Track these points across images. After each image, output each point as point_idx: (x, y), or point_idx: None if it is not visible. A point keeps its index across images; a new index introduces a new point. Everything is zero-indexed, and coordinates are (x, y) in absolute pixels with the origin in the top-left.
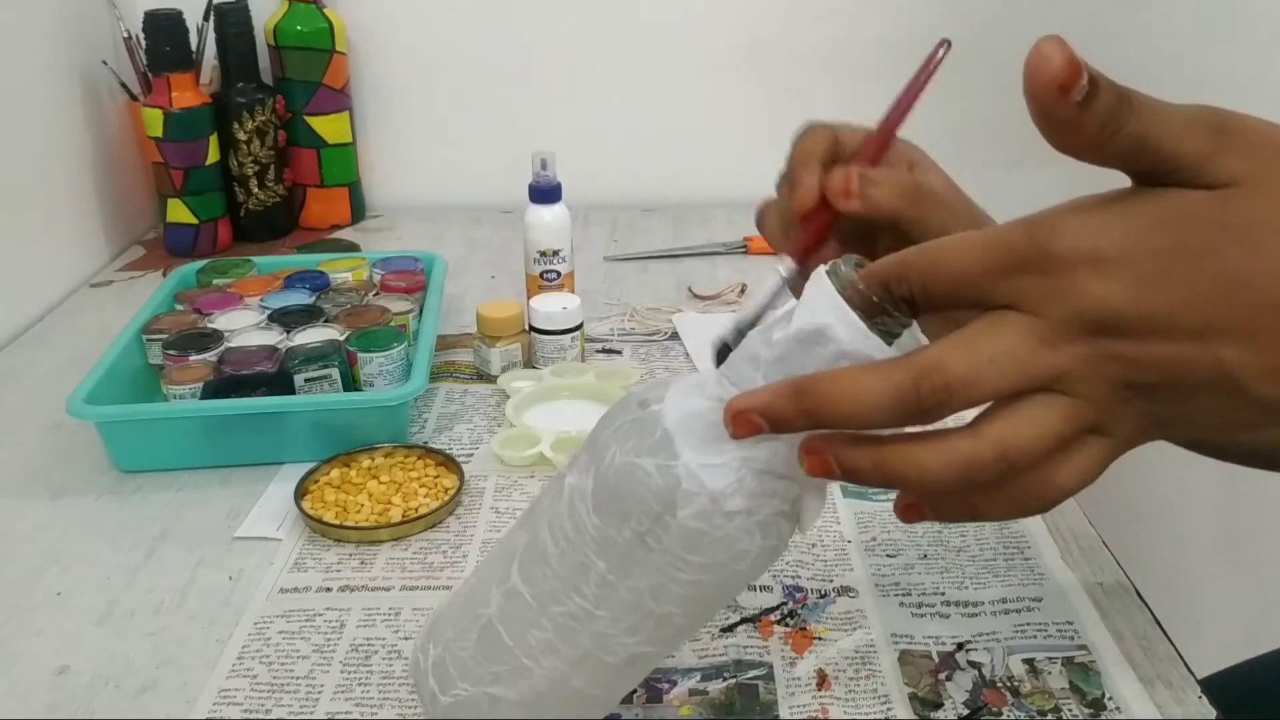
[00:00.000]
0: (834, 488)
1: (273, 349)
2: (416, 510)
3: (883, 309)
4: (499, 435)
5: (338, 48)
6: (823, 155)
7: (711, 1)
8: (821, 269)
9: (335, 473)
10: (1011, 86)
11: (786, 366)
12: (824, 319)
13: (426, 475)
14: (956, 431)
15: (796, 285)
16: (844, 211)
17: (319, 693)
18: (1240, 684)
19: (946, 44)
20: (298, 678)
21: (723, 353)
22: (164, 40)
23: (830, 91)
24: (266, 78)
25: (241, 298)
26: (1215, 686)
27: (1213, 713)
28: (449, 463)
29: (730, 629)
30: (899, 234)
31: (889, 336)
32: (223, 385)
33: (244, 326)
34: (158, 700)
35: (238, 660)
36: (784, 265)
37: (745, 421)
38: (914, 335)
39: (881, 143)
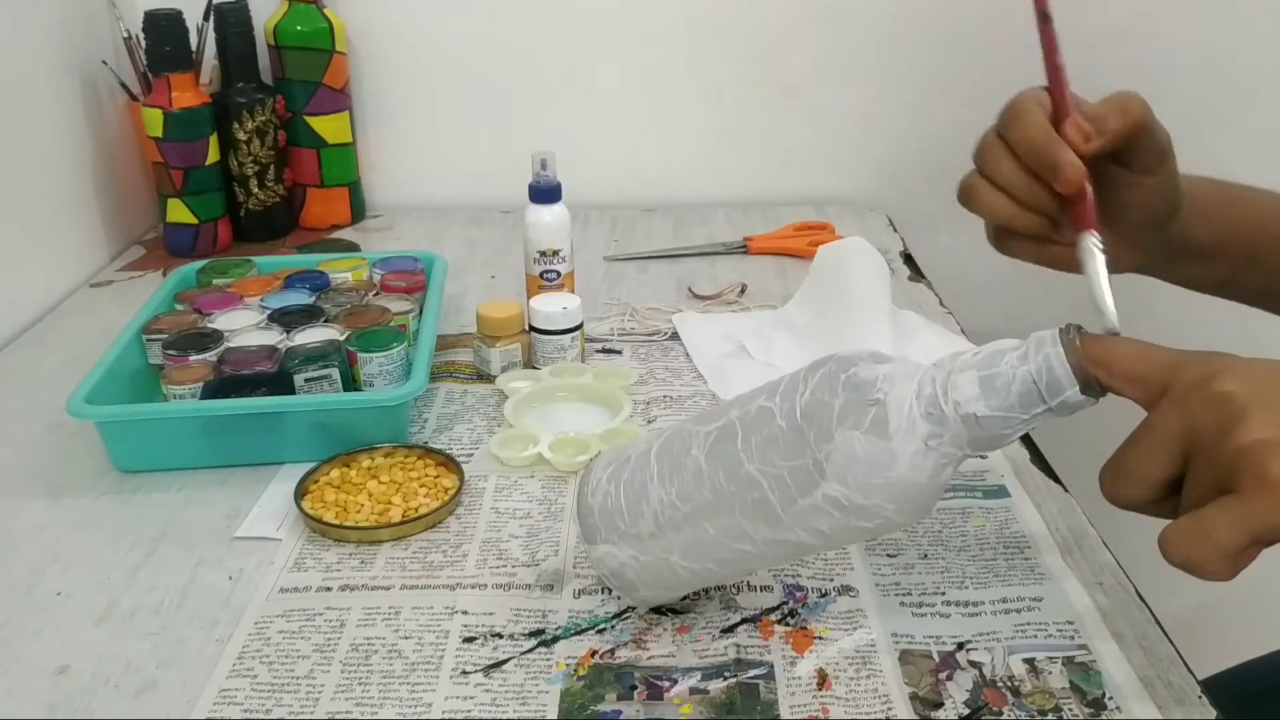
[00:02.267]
0: None
1: (273, 349)
2: (416, 510)
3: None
4: (497, 436)
5: (338, 48)
6: (1053, 129)
7: (712, 2)
8: (1056, 333)
9: (335, 473)
10: (1015, 84)
11: (1007, 399)
12: (1068, 392)
13: (426, 475)
14: None
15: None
16: (1091, 153)
17: (319, 693)
18: (1241, 685)
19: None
20: (298, 678)
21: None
22: (164, 40)
23: (830, 92)
24: (266, 78)
25: (241, 298)
26: (1216, 688)
27: (1213, 713)
28: (449, 463)
29: (731, 629)
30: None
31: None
32: (223, 385)
33: (244, 326)
34: (158, 700)
35: (238, 660)
36: (1094, 240)
37: None
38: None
39: (1063, 89)
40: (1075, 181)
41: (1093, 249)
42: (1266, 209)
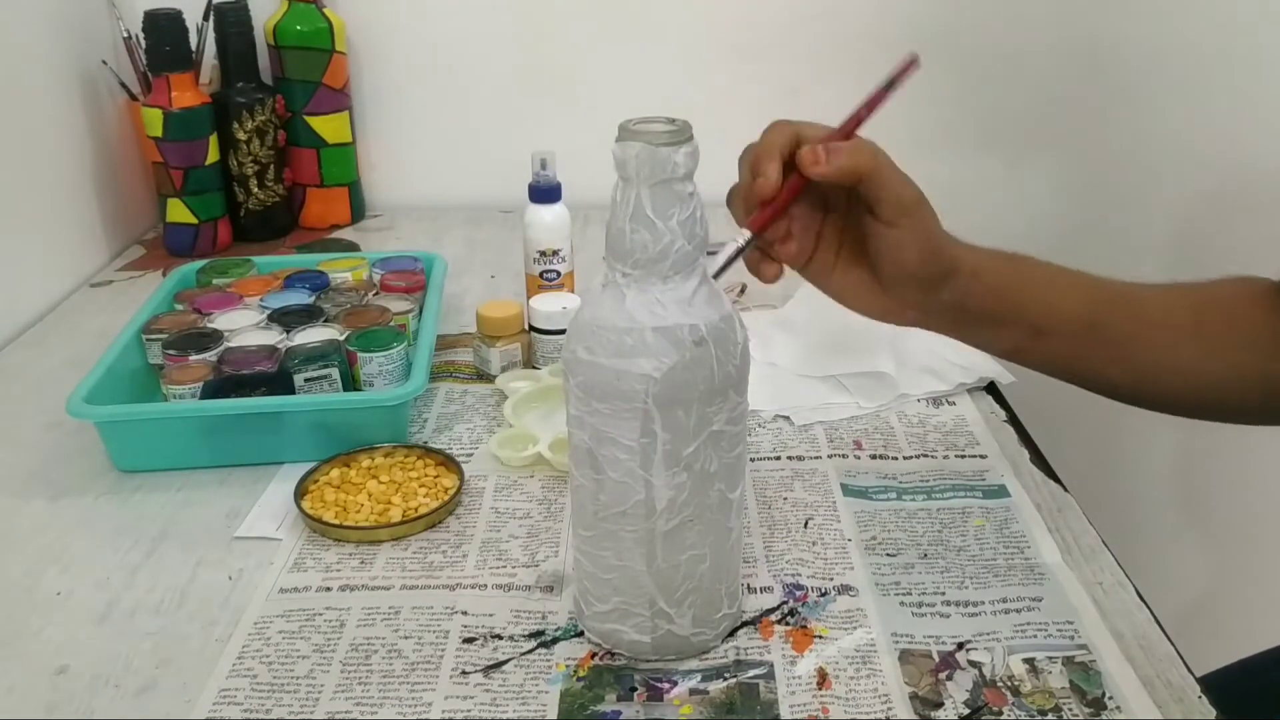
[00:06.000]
0: (834, 486)
1: (272, 349)
2: (416, 510)
3: None
4: (497, 435)
5: (338, 47)
6: (784, 147)
7: (713, 3)
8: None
9: (335, 472)
10: (1008, 79)
11: None
12: None
13: (426, 475)
14: None
15: (751, 255)
16: (813, 177)
17: (319, 692)
18: (1239, 682)
19: (916, 60)
20: (298, 678)
21: None
22: (164, 40)
23: (831, 91)
24: (266, 77)
25: (241, 297)
26: (1214, 685)
27: (1212, 712)
28: (449, 462)
29: (731, 630)
30: (861, 201)
31: None
32: (222, 385)
33: (244, 326)
34: (158, 700)
35: (238, 660)
36: (742, 236)
37: None
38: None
39: (845, 134)
40: (762, 190)
41: (735, 237)
42: (1056, 288)
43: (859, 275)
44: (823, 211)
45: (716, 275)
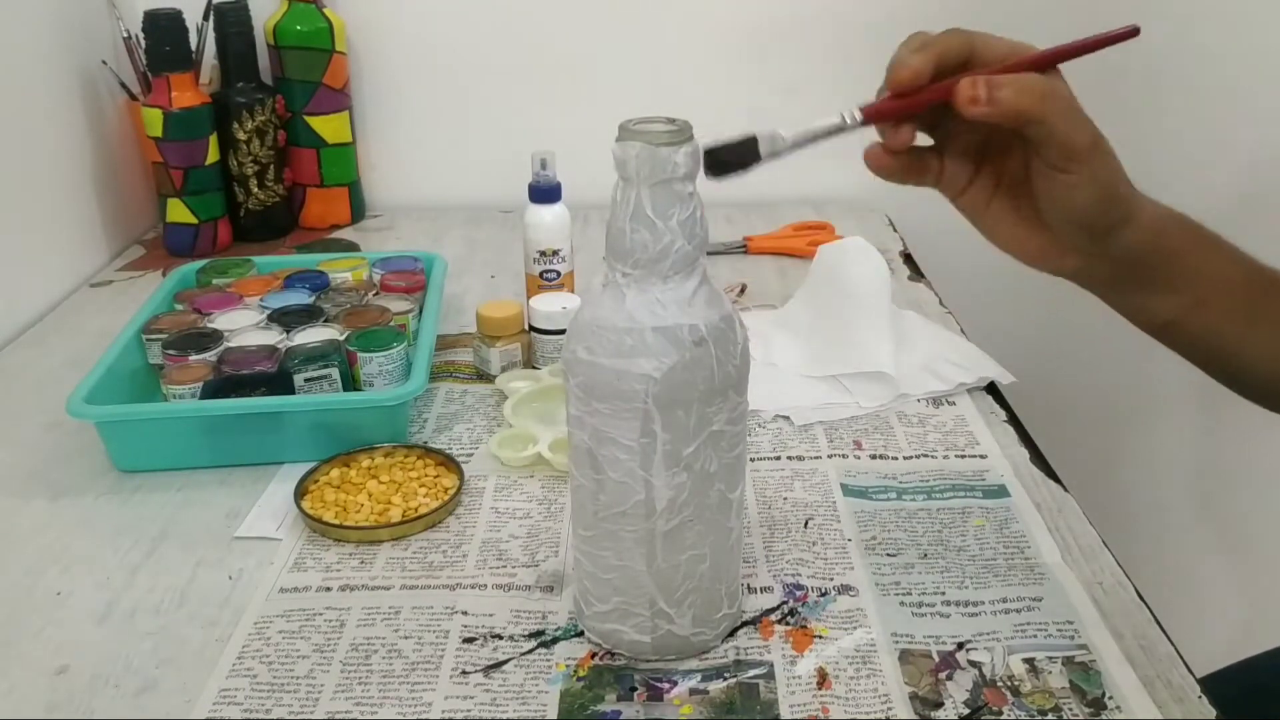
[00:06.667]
0: (834, 486)
1: (272, 349)
2: (416, 510)
3: None
4: (497, 435)
5: (338, 47)
6: (949, 52)
7: (712, 2)
8: None
9: (335, 472)
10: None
11: None
12: None
13: (426, 475)
14: None
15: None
16: (968, 117)
17: (319, 692)
18: (1239, 682)
19: (1135, 31)
20: (298, 677)
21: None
22: (164, 40)
23: (833, 89)
24: (266, 77)
25: (241, 297)
26: (1214, 684)
27: (1213, 712)
28: (449, 462)
29: (731, 631)
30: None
31: None
32: (222, 385)
33: (244, 326)
34: (158, 700)
35: (238, 660)
36: (849, 113)
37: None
38: None
39: (1028, 67)
40: (896, 79)
41: (845, 113)
42: (1224, 257)
43: (1019, 214)
44: (984, 138)
45: (801, 145)
